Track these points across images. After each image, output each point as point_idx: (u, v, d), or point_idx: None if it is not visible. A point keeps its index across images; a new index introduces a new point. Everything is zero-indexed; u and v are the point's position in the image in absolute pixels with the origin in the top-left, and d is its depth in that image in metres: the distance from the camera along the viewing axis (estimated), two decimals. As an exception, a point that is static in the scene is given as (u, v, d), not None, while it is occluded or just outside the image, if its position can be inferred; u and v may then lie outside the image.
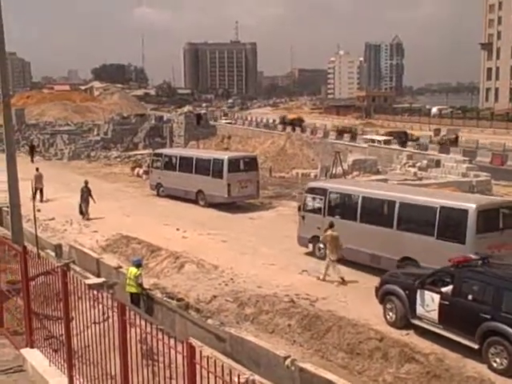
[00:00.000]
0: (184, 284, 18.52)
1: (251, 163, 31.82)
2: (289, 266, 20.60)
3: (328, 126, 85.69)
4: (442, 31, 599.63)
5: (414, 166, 40.08)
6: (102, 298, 8.57)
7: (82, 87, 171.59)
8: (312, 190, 22.89)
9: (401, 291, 15.80)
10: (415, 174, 37.82)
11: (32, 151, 51.59)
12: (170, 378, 7.46)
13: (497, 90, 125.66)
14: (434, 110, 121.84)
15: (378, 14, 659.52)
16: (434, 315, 14.85)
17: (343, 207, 21.64)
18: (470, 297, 14.19)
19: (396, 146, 54.70)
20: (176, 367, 7.02)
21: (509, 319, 13.17)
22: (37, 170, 33.69)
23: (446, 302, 14.56)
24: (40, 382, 10.15)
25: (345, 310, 16.47)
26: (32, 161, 49.16)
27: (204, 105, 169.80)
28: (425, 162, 40.30)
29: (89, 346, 9.04)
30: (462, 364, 13.57)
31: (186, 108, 67.11)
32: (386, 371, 13.39)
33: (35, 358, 10.72)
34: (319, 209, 21.94)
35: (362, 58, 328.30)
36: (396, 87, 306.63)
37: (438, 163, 39.37)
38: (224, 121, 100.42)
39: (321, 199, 21.97)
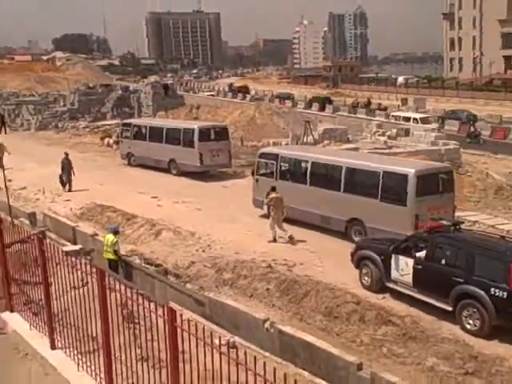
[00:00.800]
0: (161, 250, 18.56)
1: (222, 132, 31.97)
2: (265, 233, 20.58)
3: (296, 95, 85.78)
4: (406, 1, 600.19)
5: (383, 134, 40.28)
6: (80, 264, 8.58)
7: (44, 57, 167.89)
8: (264, 155, 23.95)
9: (376, 256, 16.29)
10: (385, 142, 37.98)
11: (3, 122, 49.87)
12: (152, 341, 7.53)
13: (460, 59, 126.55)
14: (400, 79, 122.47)
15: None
16: (409, 279, 15.35)
17: (294, 171, 22.77)
18: (443, 261, 14.62)
19: (364, 116, 55.02)
20: (157, 330, 7.11)
21: (481, 282, 13.66)
22: None
23: (420, 267, 15.06)
24: (22, 344, 10.18)
25: (322, 275, 16.67)
26: (4, 132, 47.94)
27: (169, 75, 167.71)
28: (394, 130, 40.52)
29: (69, 309, 9.07)
30: (438, 326, 13.95)
31: (153, 78, 66.30)
32: (363, 333, 13.67)
33: (16, 321, 10.77)
34: (271, 173, 23.06)
35: (326, 28, 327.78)
36: (361, 57, 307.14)
37: (407, 132, 39.67)
38: (207, 93, 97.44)
39: (272, 164, 23.12)
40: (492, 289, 13.44)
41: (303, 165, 22.26)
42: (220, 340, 7.22)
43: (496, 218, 23.04)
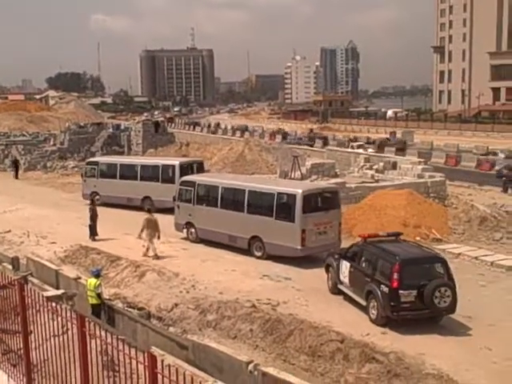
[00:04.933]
0: (145, 293, 18.41)
1: (199, 167, 32.76)
2: (250, 272, 20.70)
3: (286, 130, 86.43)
4: (396, 35, 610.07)
5: (371, 168, 40.42)
6: (61, 310, 8.52)
7: (37, 96, 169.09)
8: (184, 183, 25.98)
9: (334, 262, 18.73)
10: (372, 176, 38.18)
11: (16, 167, 48.37)
12: (132, 389, 7.46)
13: (449, 92, 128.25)
14: (390, 112, 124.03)
15: (332, 19, 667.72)
16: (347, 280, 17.89)
17: (208, 196, 24.99)
18: (363, 264, 17.36)
19: (352, 150, 55.23)
20: (138, 377, 7.05)
21: (378, 281, 16.31)
22: None
23: (352, 269, 17.67)
24: (-1, 398, 10.03)
25: (306, 313, 16.63)
26: (16, 177, 46.97)
27: (156, 112, 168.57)
28: (381, 164, 40.65)
29: (48, 359, 8.98)
30: (421, 361, 13.88)
31: (144, 116, 66.67)
32: (347, 372, 13.58)
33: (-7, 373, 10.58)
34: (190, 199, 25.12)
35: (318, 63, 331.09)
36: (352, 91, 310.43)
37: (394, 165, 39.84)
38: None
39: (191, 190, 25.17)
40: (382, 286, 16.06)
41: (215, 190, 24.41)
42: (201, 385, 7.18)
43: (479, 250, 23.17)
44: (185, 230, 25.29)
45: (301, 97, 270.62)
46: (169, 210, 29.08)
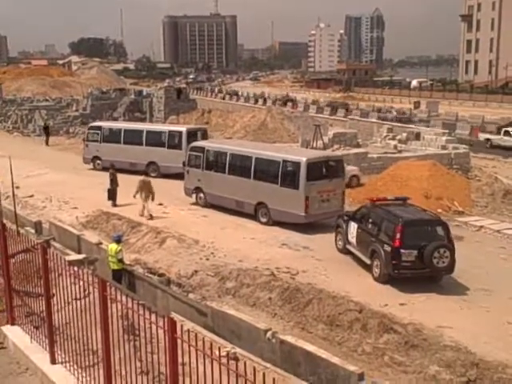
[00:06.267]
0: (165, 259, 18.55)
1: (204, 134, 32.92)
2: (268, 240, 20.75)
3: (309, 99, 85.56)
4: (423, 3, 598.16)
5: (394, 138, 39.97)
6: (83, 274, 8.60)
7: (60, 62, 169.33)
8: (194, 149, 26.32)
9: (343, 223, 19.59)
10: (395, 146, 37.78)
11: (47, 133, 46.99)
12: (152, 353, 7.54)
13: (476, 62, 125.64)
14: (414, 82, 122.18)
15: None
16: (354, 240, 18.74)
17: (216, 162, 25.31)
18: (369, 225, 18.21)
19: (375, 119, 54.64)
20: (157, 342, 7.11)
21: (382, 241, 17.19)
22: None
23: (359, 230, 18.49)
24: (21, 359, 10.22)
25: (325, 283, 16.66)
26: (47, 143, 46.03)
27: (178, 79, 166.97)
28: (404, 134, 40.18)
29: (70, 322, 9.09)
30: (439, 333, 13.85)
31: (166, 82, 66.27)
32: (365, 342, 13.62)
33: (16, 334, 10.78)
34: (199, 164, 25.53)
35: (342, 31, 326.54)
36: (376, 60, 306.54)
37: (417, 136, 39.39)
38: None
39: (200, 156, 25.56)
40: (385, 245, 16.93)
41: (223, 156, 24.80)
42: (220, 351, 7.23)
43: (502, 223, 22.95)
44: (194, 195, 25.79)
45: (324, 65, 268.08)
46: (174, 176, 29.47)
